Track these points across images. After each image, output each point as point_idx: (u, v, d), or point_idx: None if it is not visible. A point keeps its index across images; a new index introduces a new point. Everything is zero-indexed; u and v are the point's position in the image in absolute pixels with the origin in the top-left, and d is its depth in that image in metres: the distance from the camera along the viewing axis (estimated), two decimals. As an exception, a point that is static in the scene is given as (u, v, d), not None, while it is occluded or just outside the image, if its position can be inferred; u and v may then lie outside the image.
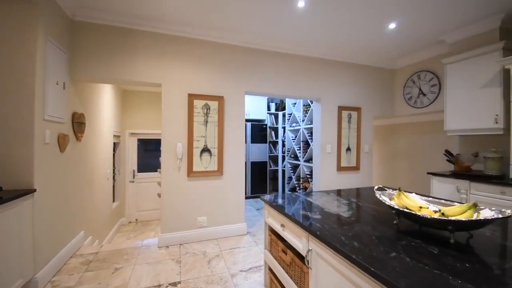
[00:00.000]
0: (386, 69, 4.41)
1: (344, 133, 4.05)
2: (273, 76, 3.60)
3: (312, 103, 4.49)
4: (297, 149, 5.38)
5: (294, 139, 5.65)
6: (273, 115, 6.44)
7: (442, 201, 1.38)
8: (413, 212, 1.16)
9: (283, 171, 6.26)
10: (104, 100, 3.98)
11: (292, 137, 5.79)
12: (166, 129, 3.08)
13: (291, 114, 5.71)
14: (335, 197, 2.02)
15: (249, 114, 5.85)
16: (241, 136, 3.47)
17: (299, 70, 3.76)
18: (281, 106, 6.41)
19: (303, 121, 5.13)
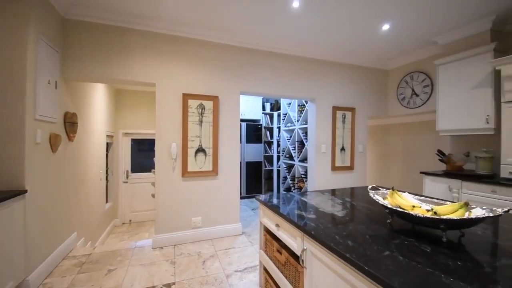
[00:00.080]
0: (380, 69, 4.45)
1: (338, 133, 4.08)
2: (268, 76, 3.60)
3: (307, 103, 4.50)
4: (292, 149, 5.39)
5: (289, 139, 5.66)
6: (268, 115, 6.44)
7: (435, 200, 1.40)
8: (406, 211, 1.17)
9: (278, 171, 6.27)
10: (97, 100, 3.93)
11: (287, 137, 5.80)
12: (160, 129, 3.05)
13: (286, 114, 5.72)
14: (330, 196, 2.03)
15: (244, 114, 5.84)
16: (236, 136, 3.46)
17: (294, 70, 3.76)
18: (276, 106, 6.42)
19: (298, 121, 5.14)
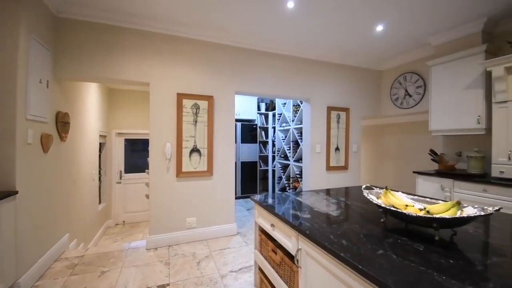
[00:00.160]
0: (374, 70, 4.49)
1: (333, 133, 4.10)
2: (263, 76, 3.59)
3: (301, 103, 4.53)
4: (287, 149, 5.40)
5: (284, 139, 5.67)
6: (263, 115, 6.44)
7: (427, 199, 1.42)
8: (399, 210, 1.18)
9: (273, 171, 6.28)
10: (90, 99, 3.87)
11: (282, 137, 5.81)
12: (154, 129, 3.03)
13: (281, 114, 5.73)
14: (324, 196, 2.04)
15: (239, 114, 5.84)
16: (231, 136, 3.45)
17: (289, 70, 3.77)
18: (271, 106, 6.43)
19: (293, 121, 5.15)
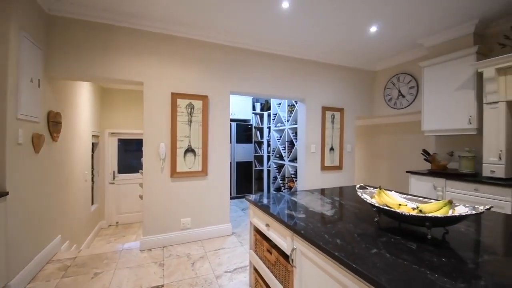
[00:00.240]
0: (368, 71, 4.53)
1: (327, 133, 4.12)
2: (258, 76, 3.59)
3: (296, 103, 4.54)
4: (282, 149, 5.41)
5: (279, 139, 5.68)
6: (258, 115, 6.45)
7: (420, 198, 1.43)
8: (392, 210, 1.19)
9: (268, 171, 6.28)
10: (82, 99, 3.82)
11: (277, 137, 5.82)
12: (148, 129, 3.00)
13: (276, 114, 5.74)
14: (319, 196, 2.05)
15: (234, 114, 5.82)
16: (226, 136, 3.44)
17: (284, 70, 3.78)
18: (266, 106, 6.43)
19: (288, 121, 5.17)
